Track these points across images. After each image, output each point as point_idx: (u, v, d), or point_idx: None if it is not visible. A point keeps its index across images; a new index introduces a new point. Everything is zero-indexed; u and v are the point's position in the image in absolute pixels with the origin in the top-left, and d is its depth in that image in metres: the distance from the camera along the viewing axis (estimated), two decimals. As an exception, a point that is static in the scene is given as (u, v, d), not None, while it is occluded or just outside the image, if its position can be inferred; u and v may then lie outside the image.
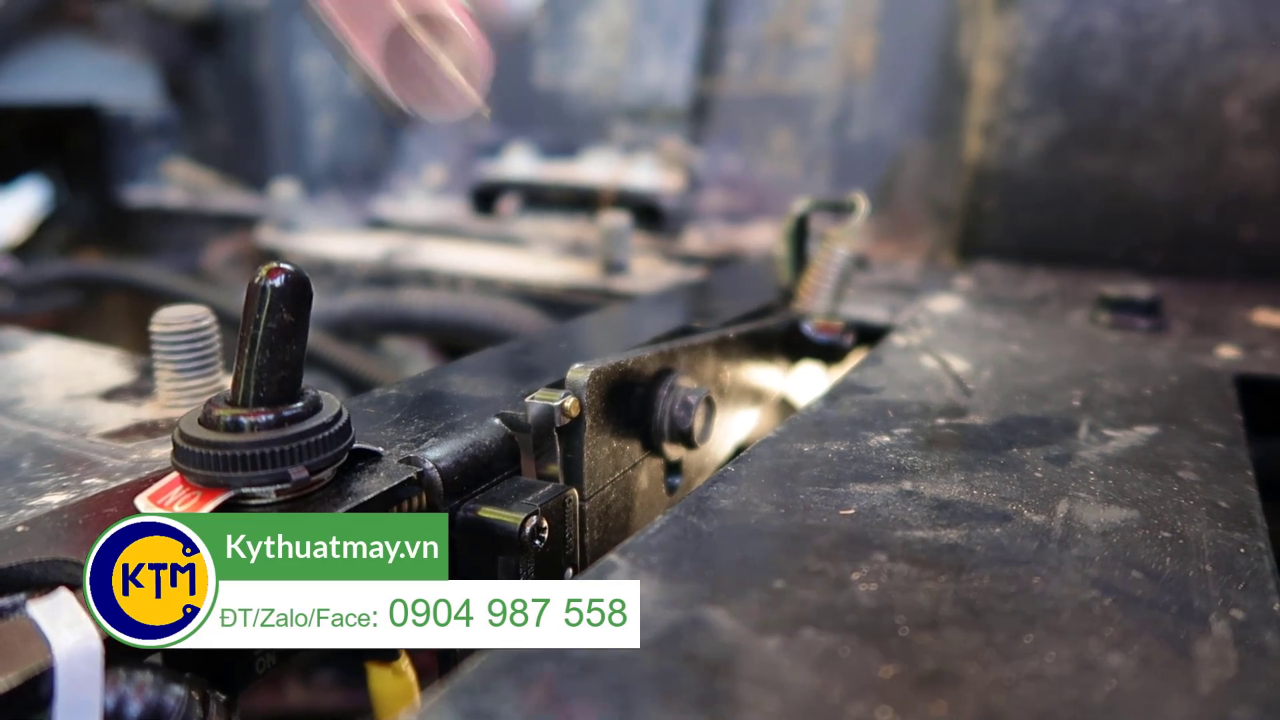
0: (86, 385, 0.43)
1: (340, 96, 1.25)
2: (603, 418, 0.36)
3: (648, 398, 0.40)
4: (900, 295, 0.68)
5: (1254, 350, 0.52)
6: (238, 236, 1.10)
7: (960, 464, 0.34)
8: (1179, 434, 0.38)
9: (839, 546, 0.27)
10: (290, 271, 0.28)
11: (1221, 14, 0.74)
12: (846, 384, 0.44)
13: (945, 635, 0.23)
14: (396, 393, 0.39)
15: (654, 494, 0.42)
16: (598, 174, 1.08)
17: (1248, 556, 0.27)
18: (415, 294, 0.78)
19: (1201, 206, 0.76)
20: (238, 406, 0.28)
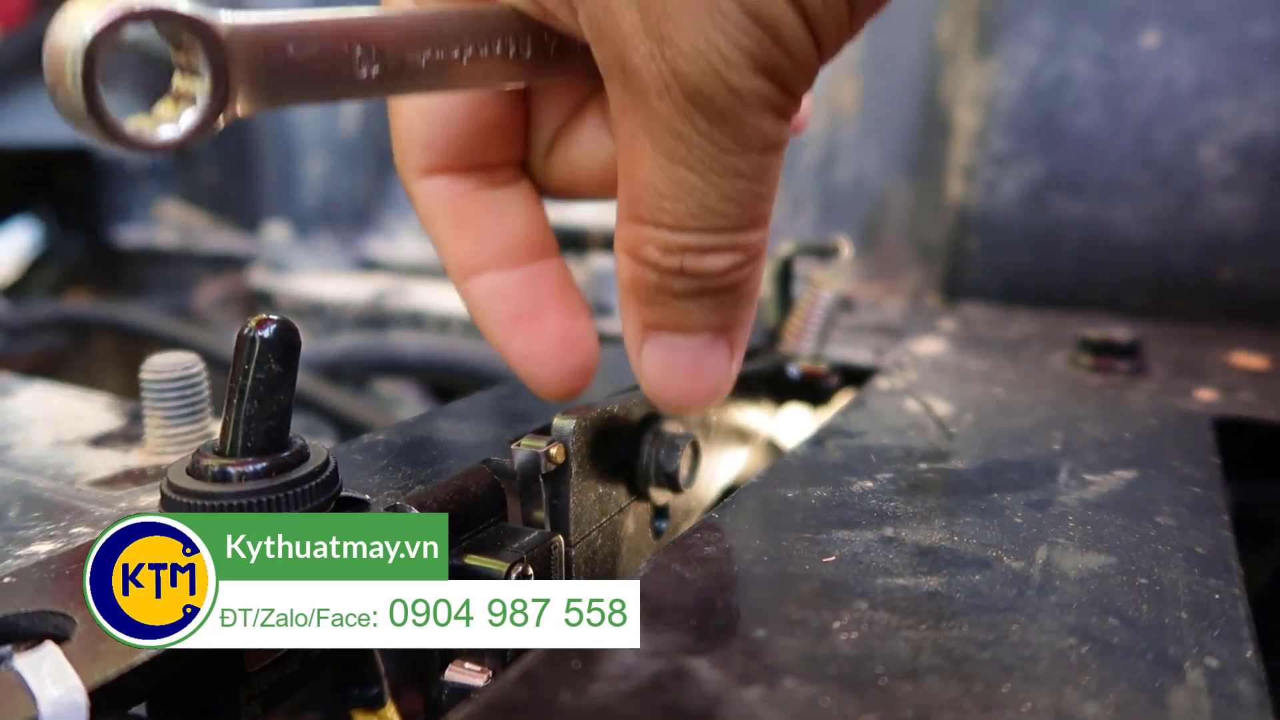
0: (75, 431, 0.43)
1: (332, 138, 1.26)
2: (589, 464, 0.37)
3: (634, 443, 0.40)
4: (885, 337, 0.69)
5: (1232, 393, 0.53)
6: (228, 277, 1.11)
7: (942, 509, 0.34)
8: (1157, 478, 0.38)
9: (821, 594, 0.28)
10: (279, 322, 0.29)
11: (1195, 62, 0.76)
12: (830, 428, 0.44)
13: (924, 685, 0.23)
14: (384, 439, 0.39)
15: (640, 539, 0.42)
16: (586, 215, 1.09)
17: (1223, 603, 0.28)
18: (405, 336, 0.78)
19: (1179, 249, 0.78)
20: (226, 456, 0.28)
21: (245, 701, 0.28)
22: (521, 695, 0.23)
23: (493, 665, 0.32)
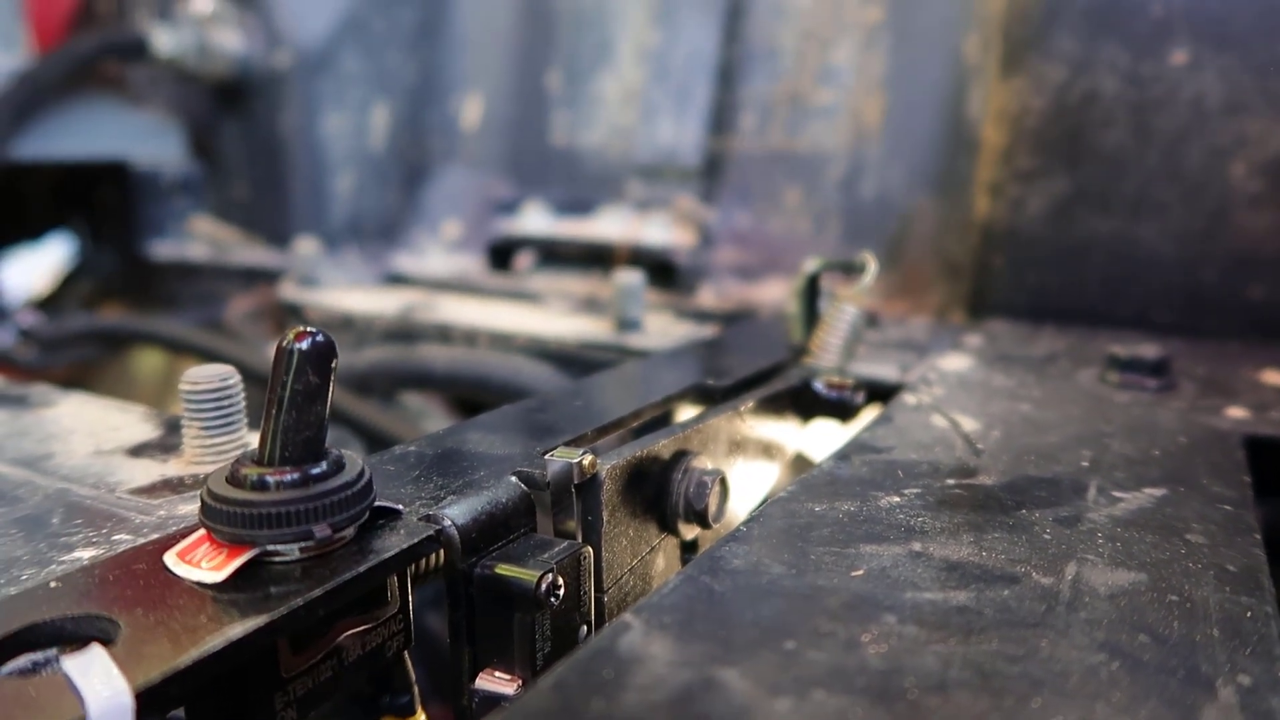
0: (114, 441, 0.44)
1: (361, 154, 1.28)
2: (620, 511, 0.37)
3: (664, 480, 0.41)
4: (911, 353, 0.69)
5: (1263, 411, 0.53)
6: (259, 291, 1.12)
7: (969, 525, 0.34)
8: (1187, 496, 0.38)
9: (849, 608, 0.28)
10: (316, 335, 0.29)
11: (1224, 79, 0.76)
12: (857, 443, 0.44)
13: (954, 698, 0.23)
14: (415, 450, 0.39)
15: (670, 574, 0.42)
16: (612, 231, 1.09)
17: (1255, 621, 0.27)
18: (433, 349, 0.79)
19: (1207, 267, 0.77)
20: (264, 465, 0.29)
21: (280, 708, 0.29)
22: (554, 704, 0.23)
23: (523, 674, 0.32)
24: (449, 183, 1.29)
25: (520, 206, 1.18)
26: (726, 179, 1.09)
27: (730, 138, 1.09)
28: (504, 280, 1.10)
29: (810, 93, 1.05)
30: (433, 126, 1.30)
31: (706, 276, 1.05)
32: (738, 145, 1.09)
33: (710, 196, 1.08)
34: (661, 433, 0.42)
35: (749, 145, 1.08)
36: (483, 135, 1.26)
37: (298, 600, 0.26)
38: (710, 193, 1.09)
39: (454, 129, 1.29)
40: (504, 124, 1.25)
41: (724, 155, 1.09)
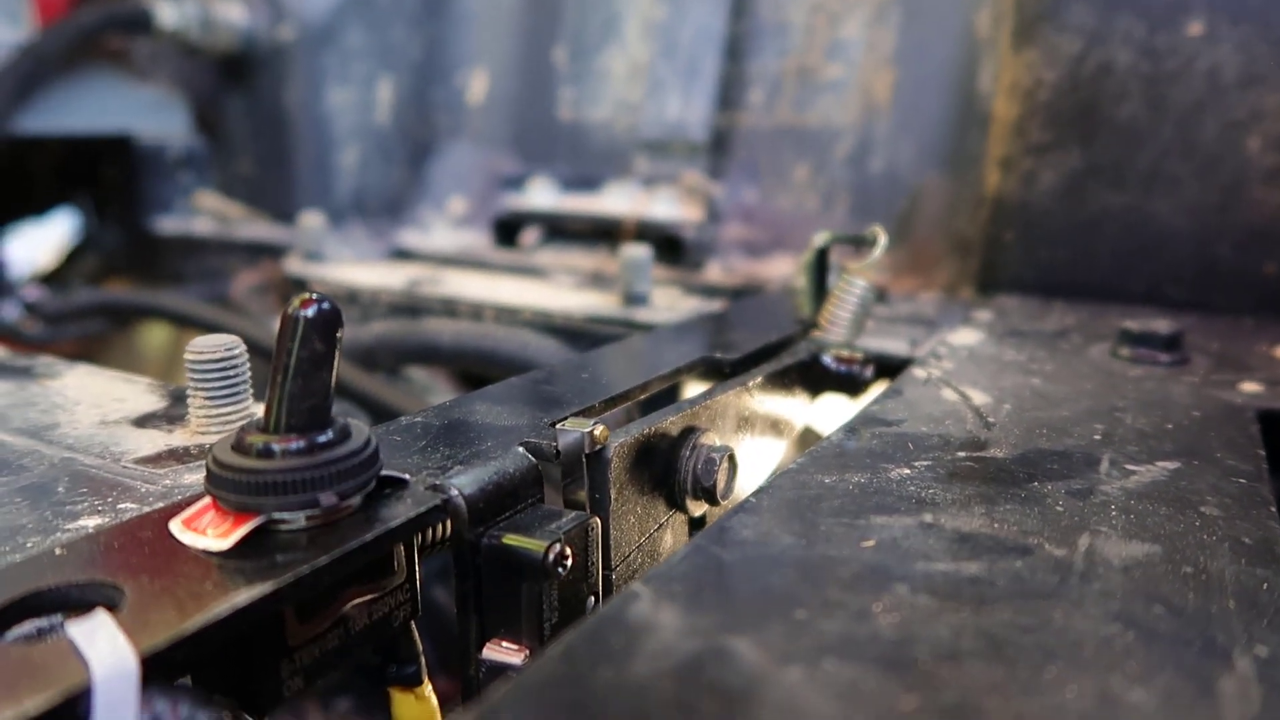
0: (119, 411, 0.44)
1: (366, 129, 1.27)
2: (627, 488, 0.37)
3: (671, 457, 0.40)
4: (920, 328, 0.69)
5: (1276, 385, 0.52)
6: (264, 266, 1.12)
7: (981, 497, 0.34)
8: (1201, 469, 0.38)
9: (860, 578, 0.27)
10: (322, 302, 0.29)
11: (1241, 51, 0.74)
12: (867, 416, 0.44)
13: (967, 668, 0.23)
14: (422, 420, 0.39)
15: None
16: (618, 206, 1.09)
17: (1271, 593, 0.27)
18: (439, 323, 0.78)
19: (1221, 242, 0.76)
20: (270, 433, 0.29)
21: (287, 676, 0.29)
22: (562, 672, 0.23)
23: (530, 644, 0.32)
24: (455, 158, 1.28)
25: (526, 182, 1.17)
26: (734, 154, 1.08)
27: (738, 113, 1.08)
28: (510, 256, 1.09)
29: (819, 68, 1.04)
30: (438, 102, 1.29)
31: (714, 252, 1.04)
32: (746, 120, 1.08)
33: (718, 172, 1.08)
34: (669, 409, 0.41)
35: (757, 120, 1.07)
36: (488, 111, 1.25)
37: (304, 568, 0.26)
38: (718, 168, 1.08)
39: (460, 104, 1.28)
40: (510, 99, 1.24)
41: (732, 130, 1.08)
